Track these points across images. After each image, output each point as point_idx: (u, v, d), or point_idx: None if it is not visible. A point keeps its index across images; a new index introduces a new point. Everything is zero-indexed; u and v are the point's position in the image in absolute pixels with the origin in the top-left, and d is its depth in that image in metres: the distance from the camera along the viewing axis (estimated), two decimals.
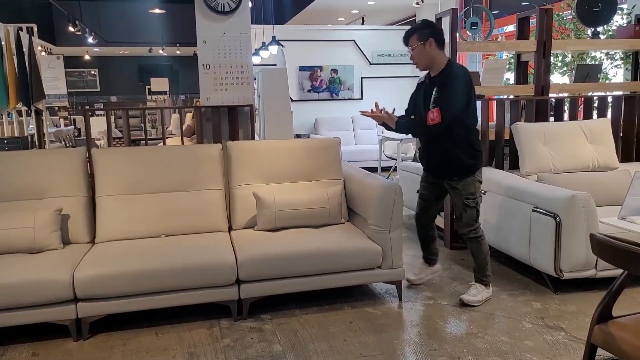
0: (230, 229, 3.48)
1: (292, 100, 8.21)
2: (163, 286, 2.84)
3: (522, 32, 4.49)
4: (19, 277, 2.68)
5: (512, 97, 4.52)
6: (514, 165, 4.16)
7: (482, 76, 4.42)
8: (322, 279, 3.09)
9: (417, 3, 8.12)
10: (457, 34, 4.16)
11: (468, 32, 4.65)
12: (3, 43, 5.80)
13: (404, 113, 3.28)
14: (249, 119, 4.71)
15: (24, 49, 5.87)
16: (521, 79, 4.60)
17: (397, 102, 9.37)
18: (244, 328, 2.94)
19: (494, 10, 7.80)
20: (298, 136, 8.39)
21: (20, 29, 5.93)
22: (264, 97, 5.91)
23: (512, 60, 4.99)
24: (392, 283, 3.28)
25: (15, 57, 5.84)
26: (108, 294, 2.78)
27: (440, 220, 4.45)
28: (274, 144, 3.86)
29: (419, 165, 5.00)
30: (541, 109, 4.32)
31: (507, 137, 4.21)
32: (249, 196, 3.40)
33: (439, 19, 4.41)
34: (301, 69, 8.93)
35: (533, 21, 4.46)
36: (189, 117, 9.15)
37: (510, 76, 5.50)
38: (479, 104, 4.31)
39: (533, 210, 3.31)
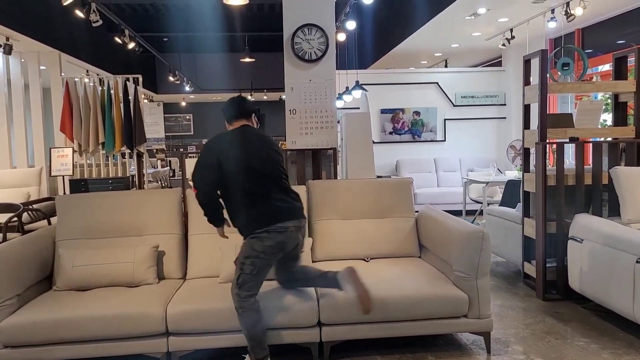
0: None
1: (373, 143, 8.27)
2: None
3: (620, 72, 4.27)
4: (118, 309, 2.86)
5: (609, 139, 4.27)
6: (614, 212, 3.88)
7: (576, 118, 4.22)
8: (404, 325, 3.01)
9: (504, 44, 7.98)
10: (548, 75, 4.04)
11: (559, 73, 4.49)
12: (112, 92, 6.43)
13: None
14: (331, 161, 4.81)
15: (130, 97, 6.46)
16: (619, 120, 4.34)
17: (481, 143, 9.26)
18: None
19: (587, 50, 7.48)
20: (379, 178, 8.39)
21: (128, 79, 6.55)
22: (347, 140, 6.02)
23: (609, 100, 4.73)
24: (480, 334, 3.12)
25: (122, 105, 6.44)
26: (197, 330, 2.88)
27: (531, 269, 4.21)
28: (351, 183, 4.09)
29: (506, 209, 4.83)
30: None
31: (605, 181, 3.95)
32: (327, 230, 3.65)
33: (527, 61, 4.31)
34: (383, 111, 9.01)
35: (631, 60, 4.23)
36: None
37: (607, 117, 5.20)
38: (572, 147, 4.10)
39: (637, 262, 3.05)
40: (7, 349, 2.80)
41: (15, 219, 4.76)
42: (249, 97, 15.44)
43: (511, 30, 7.72)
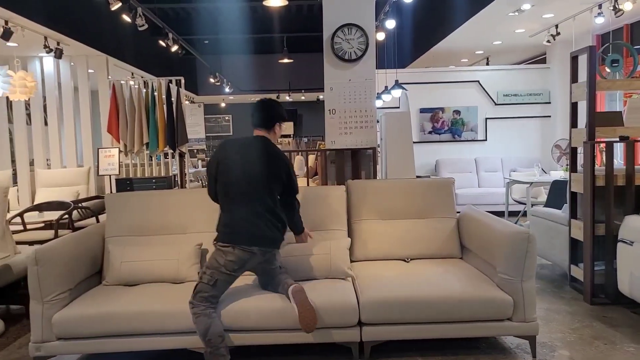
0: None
1: (413, 142, 8.20)
2: (284, 324, 2.89)
3: None
4: (165, 305, 2.93)
5: None
6: None
7: (626, 116, 4.06)
8: (447, 327, 2.97)
9: (549, 41, 7.76)
10: (596, 72, 3.91)
11: (607, 70, 4.33)
12: (156, 94, 6.60)
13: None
14: (371, 161, 4.80)
15: (172, 99, 6.61)
16: None
17: (524, 142, 9.03)
18: None
19: (637, 46, 7.18)
20: (419, 178, 8.30)
21: (170, 81, 6.71)
22: (387, 140, 5.99)
23: None
24: (525, 338, 3.05)
25: (165, 106, 6.59)
26: (243, 327, 2.90)
27: (578, 272, 4.09)
28: (391, 183, 4.08)
29: (551, 210, 4.70)
30: None
31: None
32: (366, 230, 3.65)
33: (575, 57, 4.19)
34: (422, 110, 8.92)
35: None
36: (311, 158, 9.54)
37: None
38: (621, 146, 3.95)
39: None
40: (60, 341, 2.92)
41: (66, 216, 4.96)
42: (287, 98, 15.60)
43: (556, 26, 7.50)
